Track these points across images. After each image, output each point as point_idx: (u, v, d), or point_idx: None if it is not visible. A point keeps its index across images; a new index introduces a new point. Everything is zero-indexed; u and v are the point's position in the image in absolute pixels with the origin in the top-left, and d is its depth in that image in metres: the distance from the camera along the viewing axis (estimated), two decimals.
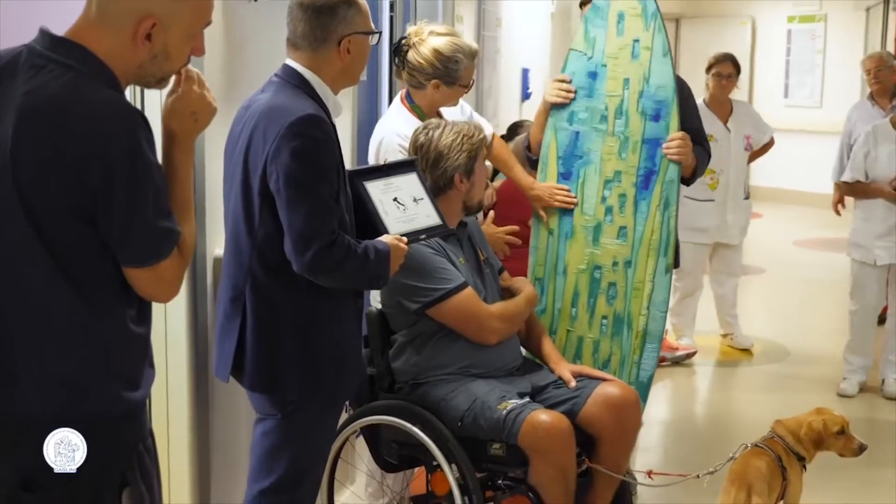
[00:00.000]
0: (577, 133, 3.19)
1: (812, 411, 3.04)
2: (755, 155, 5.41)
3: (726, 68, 5.20)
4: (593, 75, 3.17)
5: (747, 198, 5.35)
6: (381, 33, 2.40)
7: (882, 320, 5.12)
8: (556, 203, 3.18)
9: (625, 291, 3.16)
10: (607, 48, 3.15)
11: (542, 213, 3.20)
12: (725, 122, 5.20)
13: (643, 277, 3.15)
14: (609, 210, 3.16)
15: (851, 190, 4.86)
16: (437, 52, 2.97)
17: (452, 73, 2.99)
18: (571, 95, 3.16)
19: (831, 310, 5.02)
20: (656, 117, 3.12)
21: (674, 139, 3.09)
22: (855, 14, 10.49)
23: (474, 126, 2.86)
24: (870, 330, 4.84)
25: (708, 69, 5.25)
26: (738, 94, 5.49)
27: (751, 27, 11.59)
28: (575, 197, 3.18)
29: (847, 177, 4.79)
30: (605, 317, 3.17)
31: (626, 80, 3.14)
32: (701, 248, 5.26)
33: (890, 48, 8.73)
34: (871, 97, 5.92)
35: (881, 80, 5.73)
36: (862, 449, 2.96)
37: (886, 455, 4.07)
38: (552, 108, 3.22)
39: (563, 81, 3.16)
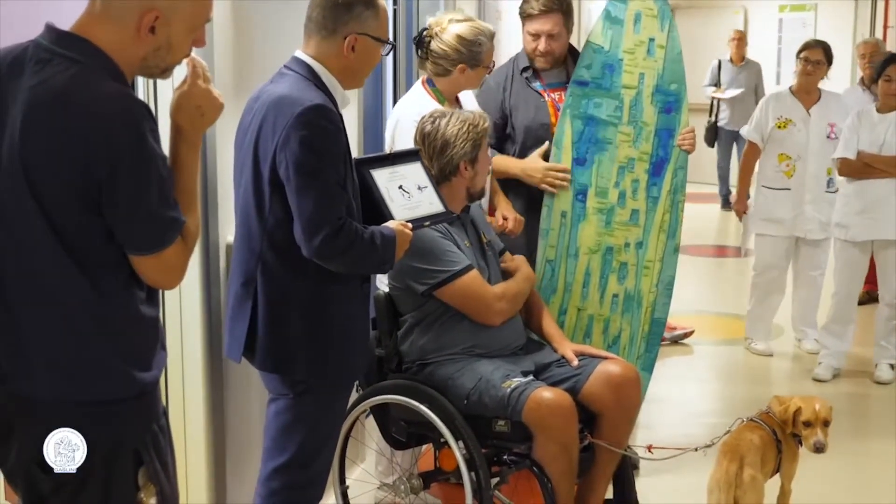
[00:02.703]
0: (593, 120, 3.29)
1: (805, 397, 3.04)
2: None
3: (815, 54, 4.89)
4: (610, 68, 3.31)
5: (834, 191, 4.91)
6: (393, 45, 2.41)
7: (865, 301, 5.13)
8: (548, 185, 3.28)
9: (636, 270, 3.30)
10: (624, 44, 3.29)
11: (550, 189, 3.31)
12: (808, 109, 4.89)
13: (654, 257, 3.30)
14: (622, 195, 3.30)
15: (850, 168, 4.69)
16: (460, 38, 3.07)
17: (476, 56, 3.10)
18: (566, 184, 3.31)
19: (825, 289, 5.09)
20: (668, 110, 3.29)
21: (688, 131, 3.29)
22: (844, 3, 10.57)
23: (479, 115, 2.91)
24: (848, 314, 4.80)
25: (798, 54, 4.98)
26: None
27: (743, 16, 11.66)
28: (568, 174, 3.28)
29: (843, 153, 4.65)
30: (615, 295, 3.31)
31: (642, 75, 3.30)
32: (779, 242, 4.97)
33: (879, 37, 8.80)
34: (862, 82, 5.97)
35: (875, 66, 5.74)
36: (817, 448, 2.90)
37: (879, 428, 4.18)
38: (568, 98, 3.30)
39: (564, 171, 3.29)
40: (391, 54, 4.29)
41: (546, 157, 3.34)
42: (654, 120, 3.31)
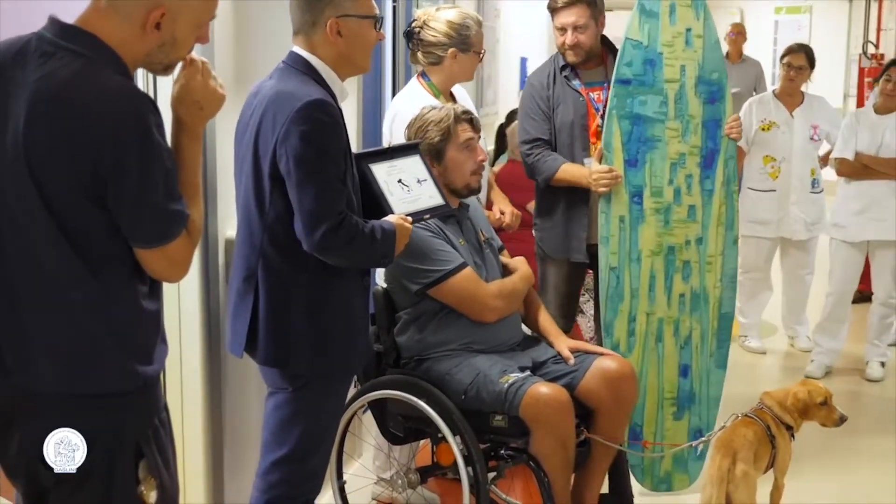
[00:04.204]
0: (640, 119, 3.27)
1: (798, 383, 3.14)
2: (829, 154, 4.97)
3: (797, 60, 4.95)
4: (651, 63, 3.27)
5: (819, 191, 4.96)
6: (381, 18, 2.39)
7: (856, 299, 5.14)
8: (601, 188, 3.22)
9: (699, 267, 3.29)
10: (662, 37, 3.26)
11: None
12: (791, 112, 4.94)
13: (715, 251, 3.30)
14: (678, 192, 3.28)
15: (848, 169, 4.71)
16: (449, 22, 3.12)
17: (466, 40, 3.13)
18: (615, 182, 3.23)
19: (818, 288, 5.12)
20: (712, 100, 3.28)
21: (733, 119, 3.29)
22: (839, 6, 10.63)
23: (447, 111, 2.89)
24: (843, 313, 4.81)
25: (781, 58, 5.03)
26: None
27: (739, 18, 11.70)
28: (617, 174, 3.23)
29: (841, 153, 4.67)
30: (682, 294, 3.29)
31: (683, 67, 3.27)
32: (763, 243, 5.02)
33: (872, 39, 8.84)
34: None
35: None
36: (842, 420, 3.02)
37: (868, 426, 4.20)
38: (613, 99, 3.27)
39: (610, 171, 3.22)
40: (391, 52, 4.32)
41: (600, 160, 3.29)
42: (700, 112, 3.28)
